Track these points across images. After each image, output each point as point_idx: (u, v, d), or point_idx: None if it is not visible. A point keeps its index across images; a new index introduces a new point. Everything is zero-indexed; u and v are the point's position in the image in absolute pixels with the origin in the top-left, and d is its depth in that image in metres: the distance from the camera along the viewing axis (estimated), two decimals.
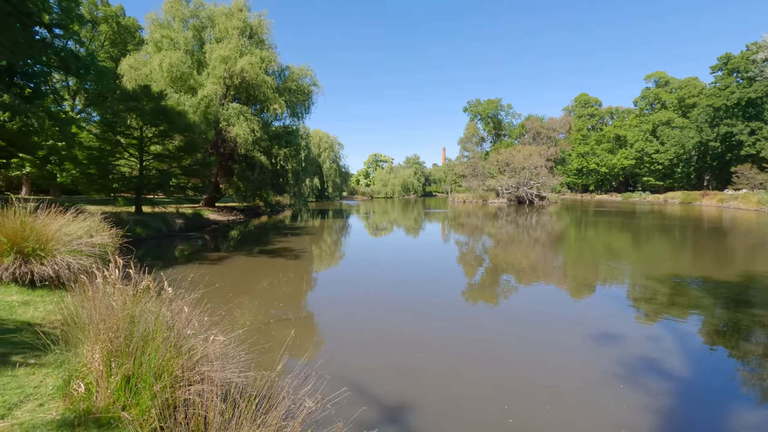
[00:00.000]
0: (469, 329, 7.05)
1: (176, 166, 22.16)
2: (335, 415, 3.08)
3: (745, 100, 57.42)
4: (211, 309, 4.91)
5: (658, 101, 78.06)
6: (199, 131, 23.39)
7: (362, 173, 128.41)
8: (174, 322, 3.65)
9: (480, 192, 61.25)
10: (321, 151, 69.24)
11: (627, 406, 4.40)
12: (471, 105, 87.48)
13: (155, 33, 28.19)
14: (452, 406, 4.46)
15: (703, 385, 5.08)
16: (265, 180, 30.12)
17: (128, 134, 19.92)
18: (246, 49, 28.74)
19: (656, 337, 6.56)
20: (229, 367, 3.41)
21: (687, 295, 9.36)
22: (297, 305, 8.61)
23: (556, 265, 13.91)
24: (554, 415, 4.27)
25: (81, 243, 7.16)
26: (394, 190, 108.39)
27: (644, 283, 10.63)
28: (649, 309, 8.23)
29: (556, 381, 5.09)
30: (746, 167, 51.24)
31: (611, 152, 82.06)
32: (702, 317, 7.70)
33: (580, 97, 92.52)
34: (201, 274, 9.95)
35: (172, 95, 24.68)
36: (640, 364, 5.50)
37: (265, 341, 5.68)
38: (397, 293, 9.67)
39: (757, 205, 39.81)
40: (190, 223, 22.92)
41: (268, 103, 29.76)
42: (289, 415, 2.71)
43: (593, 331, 6.78)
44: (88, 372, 3.25)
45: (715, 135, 60.47)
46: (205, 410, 2.54)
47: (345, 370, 5.16)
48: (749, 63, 55.42)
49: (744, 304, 8.53)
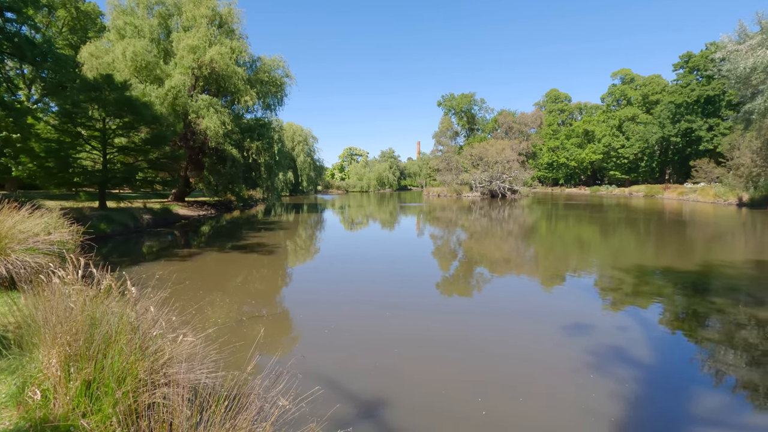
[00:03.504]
0: (444, 323, 7.11)
1: (143, 159, 21.32)
2: (309, 413, 3.02)
3: (704, 97, 60.31)
4: (181, 307, 4.73)
5: (624, 98, 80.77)
6: (167, 123, 22.57)
7: (337, 167, 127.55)
8: (139, 322, 3.49)
9: (454, 186, 61.87)
10: (295, 144, 68.20)
11: (596, 395, 4.53)
12: (445, 99, 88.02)
13: (118, 20, 26.90)
14: (426, 400, 4.48)
15: (665, 370, 5.29)
16: (237, 174, 29.45)
17: (90, 126, 18.99)
18: (215, 38, 27.85)
19: (623, 326, 6.79)
20: (198, 368, 3.29)
21: (651, 284, 9.74)
22: (271, 302, 8.46)
23: (528, 257, 14.22)
24: (526, 405, 4.35)
25: (38, 241, 6.77)
26: (369, 184, 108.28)
27: (611, 273, 11.00)
28: (617, 298, 8.53)
29: (529, 372, 5.19)
30: (704, 161, 53.76)
31: (580, 147, 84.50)
32: (664, 305, 8.04)
33: (551, 93, 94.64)
34: (170, 271, 9.62)
35: (137, 85, 23.66)
36: (608, 352, 5.68)
37: (237, 340, 5.54)
38: (372, 288, 9.64)
39: (713, 198, 41.94)
40: (158, 218, 22.16)
41: (239, 95, 29.02)
42: (260, 416, 2.63)
43: (565, 322, 6.96)
44: (44, 378, 3.07)
45: (677, 131, 63.22)
46: (170, 415, 2.43)
47: (318, 368, 5.10)
48: (708, 62, 57.95)
49: (702, 291, 8.96)
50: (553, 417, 4.19)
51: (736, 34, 27.90)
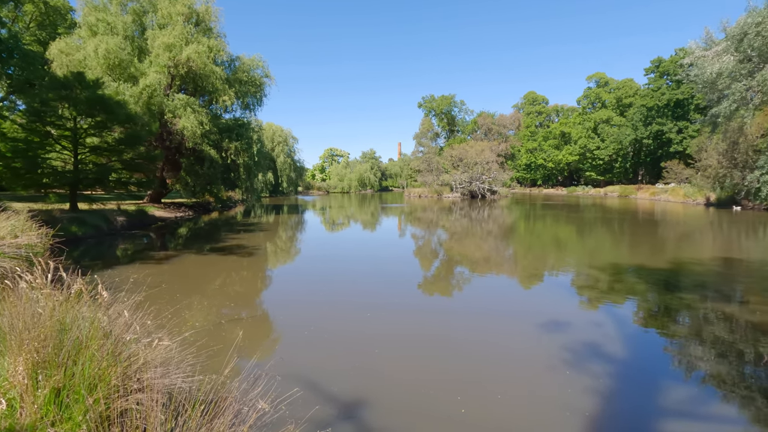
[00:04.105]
0: (424, 323, 7.15)
1: (116, 159, 20.72)
2: (288, 416, 3.00)
3: (674, 101, 62.65)
4: (156, 311, 4.63)
5: (599, 100, 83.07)
6: (142, 123, 21.98)
7: (318, 168, 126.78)
8: (112, 327, 3.40)
9: (435, 187, 62.32)
10: (275, 145, 67.48)
11: (572, 390, 4.64)
12: (426, 101, 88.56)
13: (89, 16, 26.07)
14: (406, 400, 4.50)
15: (638, 364, 5.46)
16: (216, 175, 28.95)
17: (60, 125, 18.34)
18: (192, 36, 27.32)
19: (598, 323, 6.98)
20: (174, 373, 3.22)
21: (625, 282, 10.04)
22: (250, 304, 8.35)
23: (507, 257, 14.45)
24: (505, 403, 4.42)
25: (3, 244, 6.51)
26: (350, 185, 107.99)
27: (587, 272, 11.29)
28: (592, 296, 8.75)
29: (508, 370, 5.28)
30: (674, 163, 55.71)
31: (557, 148, 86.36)
32: (637, 302, 8.30)
33: (529, 95, 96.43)
34: (145, 274, 9.39)
35: (110, 84, 23.01)
36: (584, 349, 5.82)
37: (215, 343, 5.45)
38: (353, 288, 9.63)
39: (683, 198, 43.61)
40: (133, 220, 21.56)
41: (217, 95, 28.54)
42: (238, 419, 2.60)
43: (543, 320, 7.10)
44: (10, 386, 2.95)
45: (649, 133, 65.43)
46: (144, 421, 2.38)
47: (298, 370, 5.06)
48: (677, 67, 60.02)
49: (673, 288, 9.29)
50: (530, 413, 4.27)
51: (702, 41, 29.00)
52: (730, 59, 25.87)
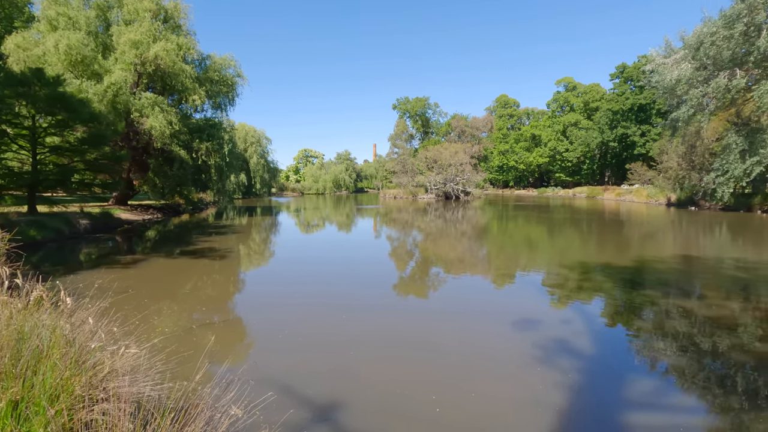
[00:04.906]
0: (400, 324, 7.19)
1: (79, 160, 19.86)
2: (262, 421, 2.96)
3: (637, 105, 65.49)
4: (123, 318, 4.49)
5: (567, 104, 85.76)
6: (107, 122, 21.16)
7: (292, 169, 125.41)
8: (75, 335, 3.27)
9: (410, 188, 62.71)
10: (248, 145, 66.32)
11: (542, 386, 4.77)
12: (400, 103, 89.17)
13: (49, 10, 24.89)
14: (381, 400, 4.51)
15: (604, 360, 5.67)
16: (186, 176, 28.19)
17: (16, 123, 17.44)
18: (160, 34, 26.52)
19: (568, 320, 7.20)
20: (142, 381, 3.12)
21: (592, 280, 10.39)
22: (222, 308, 8.17)
23: (481, 257, 14.69)
24: (478, 401, 4.50)
25: None
26: (325, 186, 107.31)
27: (557, 271, 11.62)
28: (562, 294, 9.02)
29: (482, 369, 5.37)
30: (638, 165, 58.18)
31: (528, 150, 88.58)
32: (604, 299, 8.61)
33: (501, 98, 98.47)
34: (111, 279, 9.03)
35: (72, 81, 22.03)
36: (554, 346, 5.99)
37: (186, 349, 5.31)
38: (327, 290, 9.56)
39: (646, 198, 45.63)
40: (97, 223, 20.71)
41: (187, 94, 27.80)
42: (210, 426, 2.54)
43: (515, 318, 7.26)
44: None
45: (614, 136, 68.10)
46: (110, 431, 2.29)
47: (272, 374, 4.99)
48: (640, 73, 62.74)
49: (637, 285, 9.68)
50: (503, 410, 4.36)
51: (662, 49, 30.46)
52: (687, 67, 27.25)
